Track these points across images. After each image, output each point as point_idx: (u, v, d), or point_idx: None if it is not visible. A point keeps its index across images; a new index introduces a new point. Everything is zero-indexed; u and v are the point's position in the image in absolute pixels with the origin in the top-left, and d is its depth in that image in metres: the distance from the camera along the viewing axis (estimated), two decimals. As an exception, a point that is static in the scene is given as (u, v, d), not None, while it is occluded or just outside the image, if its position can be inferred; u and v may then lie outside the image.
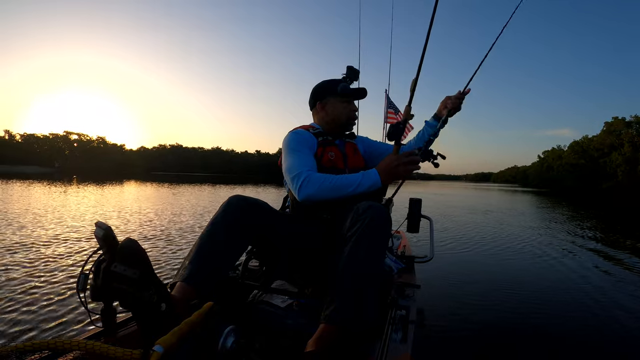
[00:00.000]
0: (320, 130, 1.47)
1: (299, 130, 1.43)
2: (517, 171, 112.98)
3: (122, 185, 17.20)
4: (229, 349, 0.82)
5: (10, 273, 2.53)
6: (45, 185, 14.04)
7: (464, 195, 21.61)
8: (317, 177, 1.21)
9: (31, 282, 2.38)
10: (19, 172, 33.73)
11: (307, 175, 1.22)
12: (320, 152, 1.39)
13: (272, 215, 1.21)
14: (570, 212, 11.14)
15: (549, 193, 30.73)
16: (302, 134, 1.40)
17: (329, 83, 1.51)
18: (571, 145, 49.27)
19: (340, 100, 1.47)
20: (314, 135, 1.43)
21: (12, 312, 1.93)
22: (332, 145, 1.44)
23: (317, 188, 1.19)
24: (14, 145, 73.39)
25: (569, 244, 5.46)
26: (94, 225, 0.78)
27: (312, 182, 1.20)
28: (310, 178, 1.21)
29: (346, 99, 1.48)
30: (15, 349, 0.72)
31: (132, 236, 3.78)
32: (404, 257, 1.98)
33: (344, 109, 1.47)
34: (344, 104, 1.48)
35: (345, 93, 1.46)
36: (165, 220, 5.75)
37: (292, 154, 1.31)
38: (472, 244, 5.02)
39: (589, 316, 2.48)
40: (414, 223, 2.16)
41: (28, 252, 3.16)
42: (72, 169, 58.19)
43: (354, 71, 1.51)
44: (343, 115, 1.47)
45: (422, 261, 2.01)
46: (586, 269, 3.90)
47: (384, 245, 1.10)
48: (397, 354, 0.94)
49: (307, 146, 1.35)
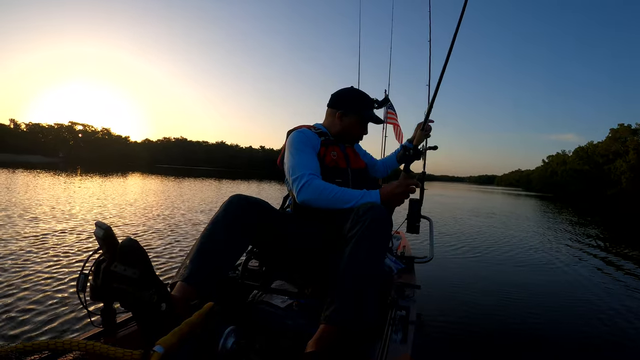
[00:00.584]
0: (322, 130, 1.47)
1: (303, 129, 1.43)
2: (520, 175, 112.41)
3: (127, 177, 17.32)
4: (229, 349, 0.82)
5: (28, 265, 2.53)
6: (53, 176, 14.14)
7: (467, 197, 21.59)
8: (318, 185, 1.22)
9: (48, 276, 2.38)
10: (24, 161, 33.70)
11: (308, 179, 1.22)
12: (323, 151, 1.39)
13: (273, 215, 1.21)
14: (575, 218, 11.12)
15: (552, 198, 30.59)
16: (307, 134, 1.39)
17: (358, 99, 1.50)
18: (576, 150, 48.95)
19: (359, 119, 1.49)
20: (317, 135, 1.42)
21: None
22: (335, 145, 1.45)
23: (317, 195, 1.21)
24: (18, 134, 73.19)
25: (571, 249, 5.47)
26: (94, 225, 0.78)
27: (312, 187, 1.21)
28: (311, 183, 1.22)
29: (365, 123, 1.53)
30: (15, 349, 0.71)
31: (142, 231, 3.74)
32: (403, 257, 1.98)
33: (358, 130, 1.51)
34: (361, 126, 1.52)
35: (370, 116, 1.51)
36: (176, 215, 5.76)
37: (296, 153, 1.31)
38: (472, 246, 5.03)
39: (589, 317, 2.49)
40: (413, 223, 2.16)
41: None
42: (76, 159, 58.40)
43: (387, 100, 1.57)
44: (355, 134, 1.52)
45: (422, 261, 2.01)
46: (588, 273, 3.90)
47: (384, 246, 1.10)
48: (397, 355, 0.94)
49: (310, 146, 1.35)
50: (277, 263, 1.37)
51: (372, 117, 1.51)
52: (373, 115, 1.52)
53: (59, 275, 2.56)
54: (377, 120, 1.54)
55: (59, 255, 3.06)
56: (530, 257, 4.48)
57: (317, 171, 1.29)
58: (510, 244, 5.27)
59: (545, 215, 12.05)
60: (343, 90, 1.53)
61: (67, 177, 13.80)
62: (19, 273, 2.52)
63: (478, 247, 4.89)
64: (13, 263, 2.75)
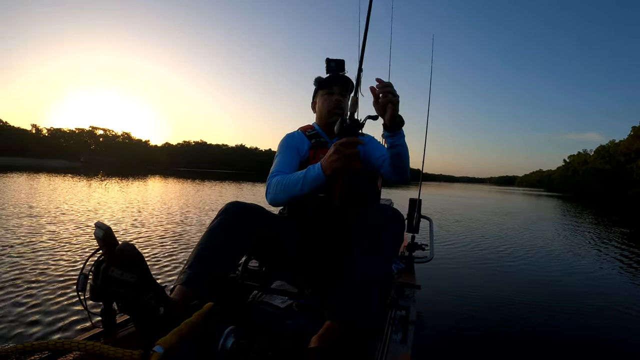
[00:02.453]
0: (315, 131, 1.45)
1: (293, 132, 1.47)
2: (542, 175, 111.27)
3: (147, 180, 17.69)
4: (229, 349, 0.82)
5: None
6: (81, 180, 14.59)
7: (487, 198, 21.41)
8: (273, 182, 1.22)
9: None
10: (47, 166, 34.12)
11: (272, 179, 1.24)
12: (312, 154, 1.38)
13: (269, 220, 1.22)
14: (592, 218, 11.00)
15: (572, 198, 29.99)
16: (292, 136, 1.44)
17: (316, 80, 1.46)
18: (597, 149, 48.26)
19: (322, 93, 1.43)
20: (309, 138, 1.42)
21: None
22: (325, 147, 1.40)
23: (274, 192, 1.21)
24: (40, 139, 74.91)
25: (582, 249, 5.45)
26: (94, 225, 0.78)
27: (270, 187, 1.23)
28: (270, 183, 1.24)
29: (327, 90, 1.41)
30: (15, 349, 0.72)
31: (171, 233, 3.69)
32: (404, 257, 1.98)
33: (324, 102, 1.42)
34: (324, 97, 1.42)
35: (322, 84, 1.41)
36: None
37: (276, 157, 1.37)
38: (473, 246, 5.03)
39: (589, 318, 2.48)
40: (413, 223, 2.16)
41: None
42: (97, 163, 59.21)
43: (331, 64, 1.40)
44: (324, 108, 1.42)
45: (422, 261, 2.01)
46: (597, 273, 3.87)
47: (394, 247, 1.11)
48: (397, 354, 0.94)
49: (290, 147, 1.38)
50: (276, 264, 1.38)
51: (318, 79, 1.41)
52: (319, 78, 1.41)
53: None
54: (328, 79, 1.40)
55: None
56: (532, 257, 4.47)
57: (290, 169, 1.29)
58: (512, 244, 5.27)
59: (561, 215, 11.99)
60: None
61: (94, 181, 14.20)
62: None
63: (478, 247, 4.88)
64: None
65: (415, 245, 2.07)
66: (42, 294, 2.21)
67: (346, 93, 1.42)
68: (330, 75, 1.40)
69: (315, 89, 1.48)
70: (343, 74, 1.40)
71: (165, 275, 2.77)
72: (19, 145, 63.66)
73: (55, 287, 2.34)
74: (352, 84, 1.38)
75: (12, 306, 2.01)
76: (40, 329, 1.79)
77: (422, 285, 1.54)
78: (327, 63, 1.39)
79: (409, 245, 2.07)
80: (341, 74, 1.40)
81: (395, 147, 1.18)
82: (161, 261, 3.15)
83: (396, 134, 1.14)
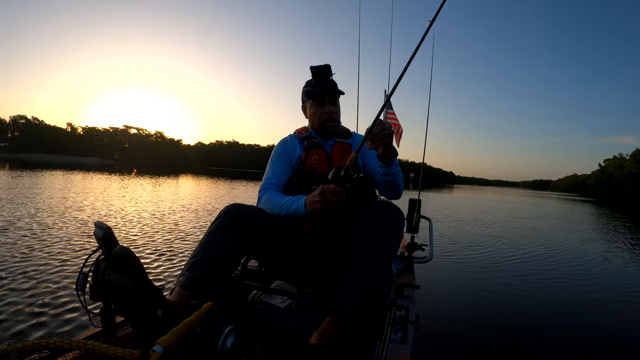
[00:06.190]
0: (308, 133, 1.45)
1: (286, 137, 1.50)
2: (576, 180, 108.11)
3: (179, 179, 18.34)
4: (229, 349, 0.82)
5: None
6: (117, 178, 15.20)
7: (521, 202, 21.15)
8: (266, 197, 1.31)
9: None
10: (82, 163, 34.79)
11: (262, 193, 1.34)
12: (304, 156, 1.39)
13: (268, 221, 1.22)
14: (614, 222, 10.95)
15: (605, 203, 29.04)
16: (285, 143, 1.46)
17: (306, 84, 1.44)
18: (633, 153, 46.68)
19: (312, 103, 1.41)
20: (302, 139, 1.43)
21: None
22: (318, 148, 1.41)
23: (263, 206, 1.31)
24: (75, 137, 76.68)
25: (574, 246, 5.46)
26: (94, 225, 0.79)
27: (260, 200, 1.34)
28: (262, 196, 1.33)
29: (318, 101, 1.39)
30: (15, 349, 0.72)
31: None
32: (403, 257, 1.98)
33: (315, 113, 1.41)
34: (315, 108, 1.40)
35: (310, 97, 1.39)
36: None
37: (268, 165, 1.45)
38: (475, 246, 5.03)
39: (589, 317, 2.49)
40: (413, 223, 2.16)
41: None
42: (130, 161, 60.06)
43: (318, 70, 1.37)
44: (315, 119, 1.42)
45: (422, 262, 2.01)
46: (597, 277, 3.86)
47: (395, 245, 1.12)
48: (397, 355, 0.94)
49: (282, 155, 1.42)
50: (276, 264, 1.38)
51: (307, 92, 1.40)
52: (309, 91, 1.39)
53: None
54: (318, 93, 1.38)
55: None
56: (533, 257, 4.48)
57: (280, 179, 1.37)
58: (512, 245, 5.26)
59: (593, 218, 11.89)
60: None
61: (130, 179, 14.88)
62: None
63: (479, 246, 4.88)
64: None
65: (415, 246, 2.07)
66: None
67: (336, 100, 1.42)
68: (319, 85, 1.38)
69: (304, 97, 1.46)
70: (331, 79, 1.39)
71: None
72: (54, 143, 65.48)
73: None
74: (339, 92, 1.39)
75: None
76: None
77: (422, 285, 1.54)
78: (314, 70, 1.38)
79: (409, 245, 2.08)
80: (330, 79, 1.39)
81: (389, 176, 1.25)
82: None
83: (390, 164, 1.22)
